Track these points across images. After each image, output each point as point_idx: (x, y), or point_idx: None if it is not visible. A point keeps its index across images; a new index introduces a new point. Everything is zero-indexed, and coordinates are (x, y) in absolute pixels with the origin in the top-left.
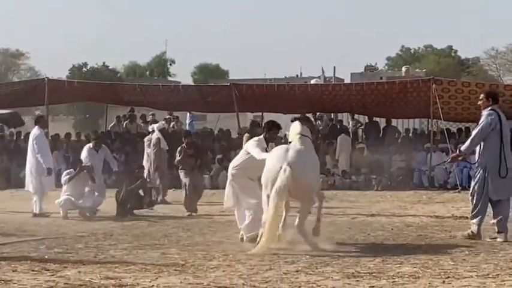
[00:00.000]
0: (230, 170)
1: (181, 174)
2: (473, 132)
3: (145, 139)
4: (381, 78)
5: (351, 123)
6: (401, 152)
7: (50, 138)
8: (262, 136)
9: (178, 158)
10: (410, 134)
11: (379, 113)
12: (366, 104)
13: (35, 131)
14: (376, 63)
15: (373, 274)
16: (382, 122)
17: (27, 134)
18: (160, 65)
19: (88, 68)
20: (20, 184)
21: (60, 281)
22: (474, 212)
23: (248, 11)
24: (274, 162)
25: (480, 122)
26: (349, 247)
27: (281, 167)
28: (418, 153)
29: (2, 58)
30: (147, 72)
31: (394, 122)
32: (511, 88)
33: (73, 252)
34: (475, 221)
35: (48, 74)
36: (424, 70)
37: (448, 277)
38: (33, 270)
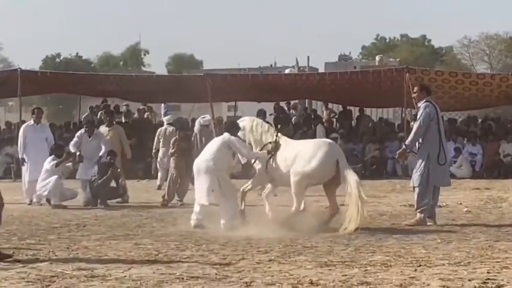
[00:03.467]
0: (211, 163)
1: (172, 163)
2: (415, 126)
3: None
4: (355, 67)
5: (324, 112)
6: (375, 141)
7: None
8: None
9: (172, 150)
10: (383, 124)
11: (353, 102)
12: (339, 94)
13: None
14: (350, 53)
15: (346, 263)
16: (355, 111)
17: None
18: (134, 55)
19: (61, 58)
20: None
21: (32, 272)
22: (420, 201)
23: (222, 1)
24: (325, 156)
25: (419, 115)
26: (322, 236)
27: (337, 161)
28: (392, 142)
29: None
30: (121, 63)
31: (367, 111)
32: (484, 77)
33: (45, 244)
34: (421, 209)
35: (21, 64)
36: (398, 59)
37: (420, 265)
38: (4, 262)
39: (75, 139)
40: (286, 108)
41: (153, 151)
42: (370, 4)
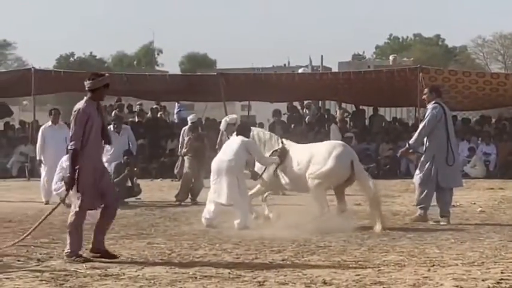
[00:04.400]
0: (233, 163)
1: (186, 162)
2: (420, 126)
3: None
4: (369, 67)
5: (338, 112)
6: (389, 141)
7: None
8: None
9: (185, 149)
10: (397, 124)
11: (366, 101)
12: (353, 93)
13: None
14: (363, 52)
15: (359, 263)
16: (369, 110)
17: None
18: (148, 54)
19: (75, 58)
20: (7, 174)
21: (46, 271)
22: (420, 199)
23: (236, 0)
24: (341, 157)
25: (426, 116)
26: (335, 236)
27: (352, 162)
28: (405, 142)
29: None
30: (135, 62)
31: (381, 111)
32: (498, 76)
33: (59, 242)
34: (421, 206)
35: (35, 64)
36: (412, 59)
37: (434, 265)
38: (19, 260)
39: None
40: (299, 107)
41: (179, 150)
42: (384, 4)
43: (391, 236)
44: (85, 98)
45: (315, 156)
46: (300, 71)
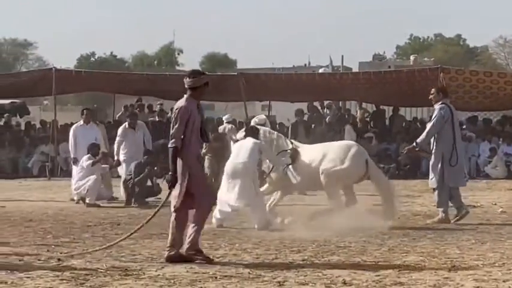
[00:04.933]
0: (249, 165)
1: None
2: (428, 126)
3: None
4: (389, 67)
5: (358, 112)
6: (409, 141)
7: (59, 127)
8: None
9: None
10: (418, 124)
11: (386, 101)
12: (373, 93)
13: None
14: (384, 52)
15: (379, 263)
16: (389, 110)
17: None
18: (169, 54)
19: (96, 57)
20: (28, 174)
21: (67, 270)
22: (439, 201)
23: (256, 0)
24: (356, 156)
25: (433, 116)
26: (355, 236)
27: (366, 161)
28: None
29: (10, 48)
30: (155, 62)
31: (401, 110)
32: None
33: (80, 242)
34: (441, 209)
35: (56, 63)
36: (433, 59)
37: (454, 266)
38: (40, 260)
39: (118, 139)
40: (319, 107)
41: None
42: (404, 4)
43: (412, 237)
44: (185, 96)
45: (329, 155)
46: (321, 71)
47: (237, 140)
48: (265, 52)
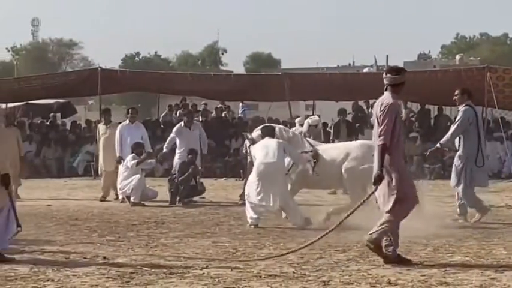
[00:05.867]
0: (281, 165)
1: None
2: (452, 127)
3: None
4: (434, 66)
5: (403, 111)
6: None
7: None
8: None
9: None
10: None
11: (431, 101)
12: (418, 92)
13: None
14: (429, 52)
15: (425, 263)
16: (434, 110)
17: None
18: (213, 54)
19: (140, 57)
20: (73, 173)
21: (112, 269)
22: (469, 202)
23: (300, 0)
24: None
25: (458, 118)
26: (401, 236)
27: None
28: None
29: (56, 48)
30: (199, 62)
31: (446, 110)
32: None
33: (125, 240)
34: (475, 208)
35: (101, 63)
36: (479, 58)
37: (501, 266)
38: (85, 258)
39: (171, 135)
40: (364, 107)
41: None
42: (450, 3)
43: (457, 237)
44: (387, 93)
45: (351, 154)
46: (365, 70)
47: (252, 139)
48: (310, 52)
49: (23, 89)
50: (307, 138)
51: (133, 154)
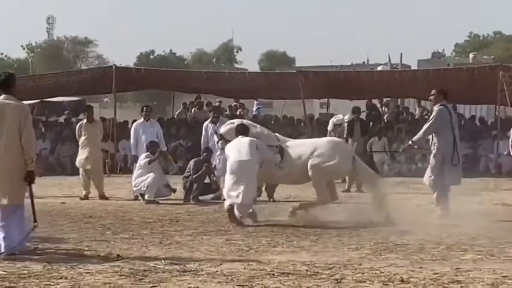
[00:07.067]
0: (254, 163)
1: None
2: (425, 126)
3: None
4: (448, 65)
5: (417, 110)
6: (467, 139)
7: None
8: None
9: None
10: (477, 121)
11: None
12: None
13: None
14: (443, 50)
15: (437, 261)
16: None
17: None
18: (227, 52)
19: (155, 55)
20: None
21: (126, 266)
22: (438, 199)
23: None
24: (345, 153)
25: (432, 117)
26: (413, 234)
27: (353, 158)
28: (485, 140)
29: (70, 46)
30: (214, 60)
31: (460, 108)
32: None
33: (138, 238)
34: (440, 207)
35: (116, 61)
36: (492, 57)
37: None
38: (99, 255)
39: (203, 133)
40: (378, 105)
41: None
42: (464, 1)
43: (470, 235)
44: None
45: (318, 150)
46: (379, 68)
47: (221, 135)
48: (324, 50)
49: (38, 87)
50: (276, 134)
51: (147, 153)
